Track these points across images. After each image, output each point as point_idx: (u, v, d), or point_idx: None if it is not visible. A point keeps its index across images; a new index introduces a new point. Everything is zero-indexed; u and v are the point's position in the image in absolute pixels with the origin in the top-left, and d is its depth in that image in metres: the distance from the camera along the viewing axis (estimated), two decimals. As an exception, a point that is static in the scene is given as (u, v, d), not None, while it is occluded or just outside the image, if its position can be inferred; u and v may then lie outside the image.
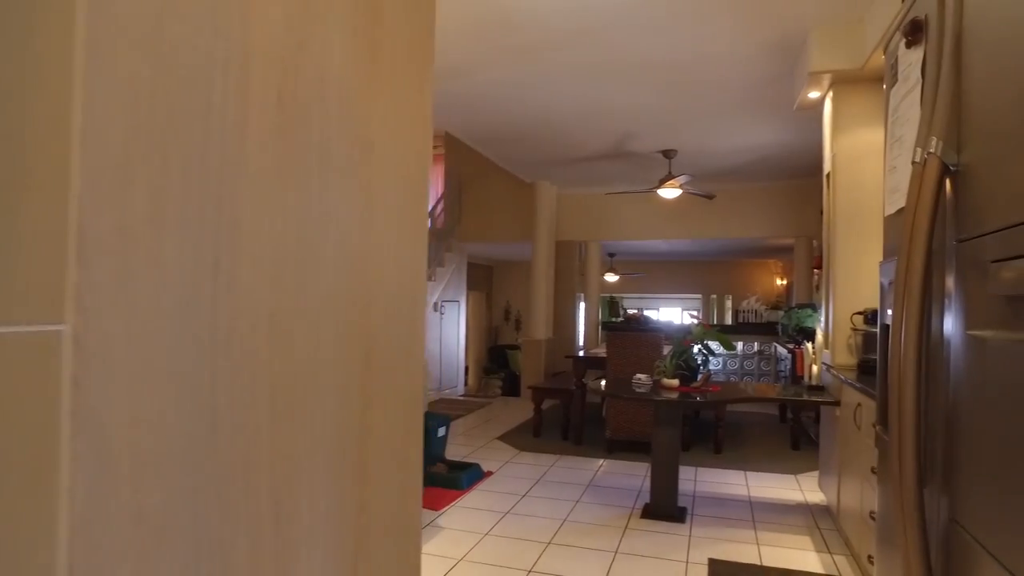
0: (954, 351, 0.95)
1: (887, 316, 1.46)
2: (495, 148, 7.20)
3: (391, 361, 1.02)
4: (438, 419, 4.81)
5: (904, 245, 1.04)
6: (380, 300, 0.98)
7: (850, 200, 4.05)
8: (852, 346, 3.94)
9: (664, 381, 4.04)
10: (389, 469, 1.02)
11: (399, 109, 1.04)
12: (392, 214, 1.03)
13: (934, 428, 1.06)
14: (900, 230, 1.11)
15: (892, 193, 1.35)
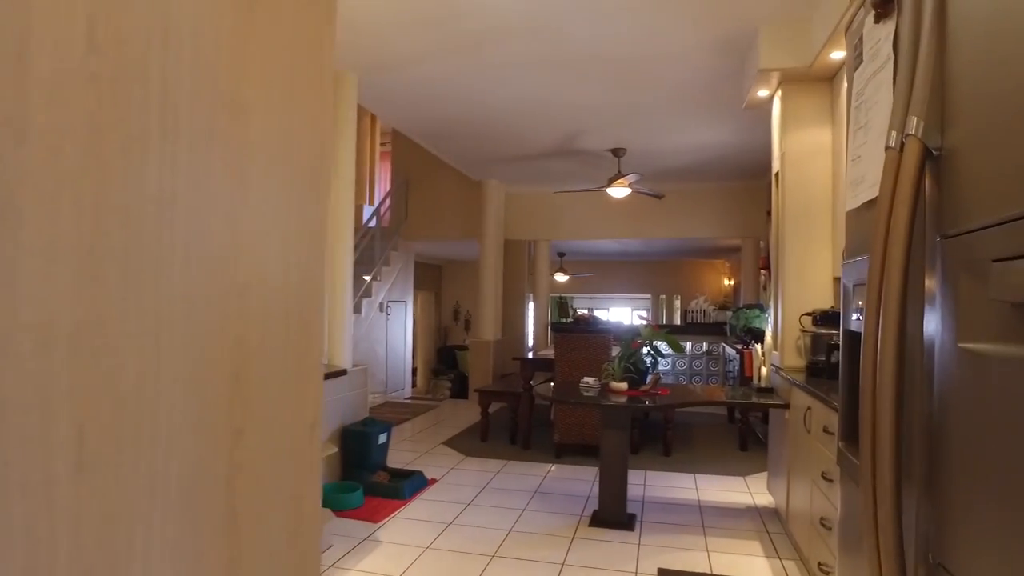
0: (940, 365, 0.82)
1: (851, 320, 1.34)
2: (442, 144, 7.00)
3: (275, 377, 0.83)
4: (379, 425, 4.60)
5: (878, 241, 0.91)
6: (257, 303, 0.79)
7: (799, 200, 3.99)
8: (801, 348, 3.89)
9: (612, 384, 3.92)
10: (272, 517, 0.83)
11: (288, 68, 0.86)
12: (279, 198, 0.84)
13: (910, 450, 0.93)
14: (871, 224, 0.98)
15: (856, 185, 1.23)
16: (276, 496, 0.84)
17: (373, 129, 11.62)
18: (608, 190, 6.79)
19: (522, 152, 7.19)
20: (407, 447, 5.94)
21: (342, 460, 4.49)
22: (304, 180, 0.91)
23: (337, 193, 4.56)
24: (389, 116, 6.06)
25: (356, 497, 4.12)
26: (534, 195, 9.28)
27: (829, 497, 2.72)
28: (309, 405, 0.92)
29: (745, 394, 3.99)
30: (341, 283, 4.61)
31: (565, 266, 13.31)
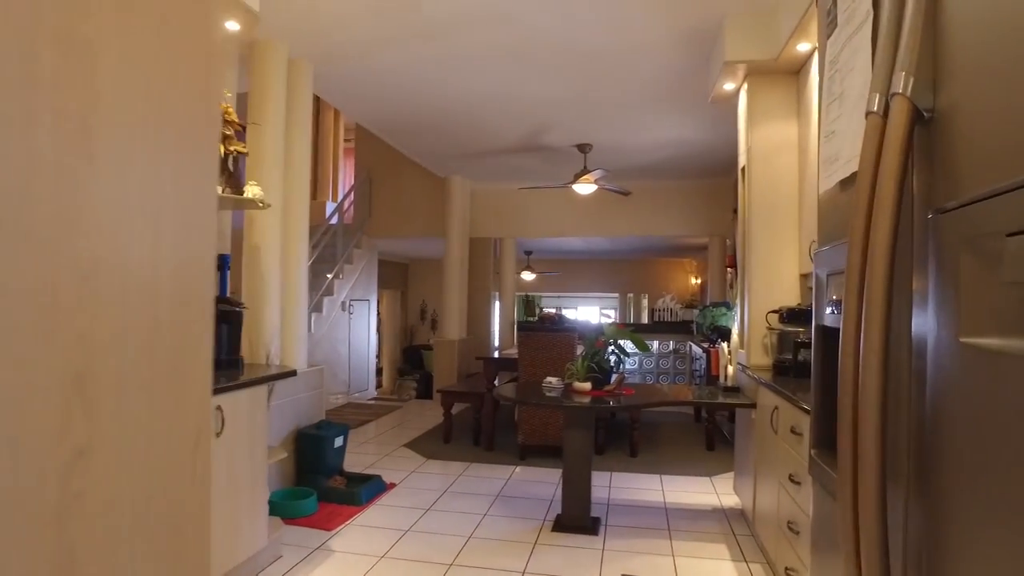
0: (936, 364, 0.70)
1: (825, 315, 1.23)
2: (405, 140, 6.83)
3: (139, 380, 0.68)
4: (335, 428, 4.42)
5: (858, 222, 0.79)
6: (110, 290, 0.64)
7: (765, 194, 3.92)
8: (767, 346, 3.81)
9: (575, 385, 3.80)
10: (137, 556, 0.68)
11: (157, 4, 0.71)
12: (146, 165, 0.69)
13: (894, 460, 0.81)
14: (848, 205, 0.86)
15: (830, 163, 1.11)
16: (142, 529, 0.69)
17: (337, 125, 11.39)
18: (574, 187, 6.69)
19: (487, 148, 7.05)
20: (368, 450, 5.76)
21: (296, 465, 4.31)
22: (184, 146, 0.76)
23: (291, 186, 4.37)
24: (349, 108, 5.87)
25: (309, 504, 3.94)
26: (500, 192, 9.14)
27: (797, 500, 2.63)
28: (192, 413, 0.77)
29: (711, 393, 3.90)
30: (295, 281, 4.42)
31: (532, 264, 13.20)
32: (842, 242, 1.00)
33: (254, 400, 2.93)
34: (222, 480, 2.68)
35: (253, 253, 4.05)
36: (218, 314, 3.21)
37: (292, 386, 4.26)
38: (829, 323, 1.17)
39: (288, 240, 4.37)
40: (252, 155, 4.05)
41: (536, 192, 8.98)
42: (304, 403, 4.43)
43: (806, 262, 3.70)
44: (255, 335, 3.96)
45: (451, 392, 6.03)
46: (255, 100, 4.06)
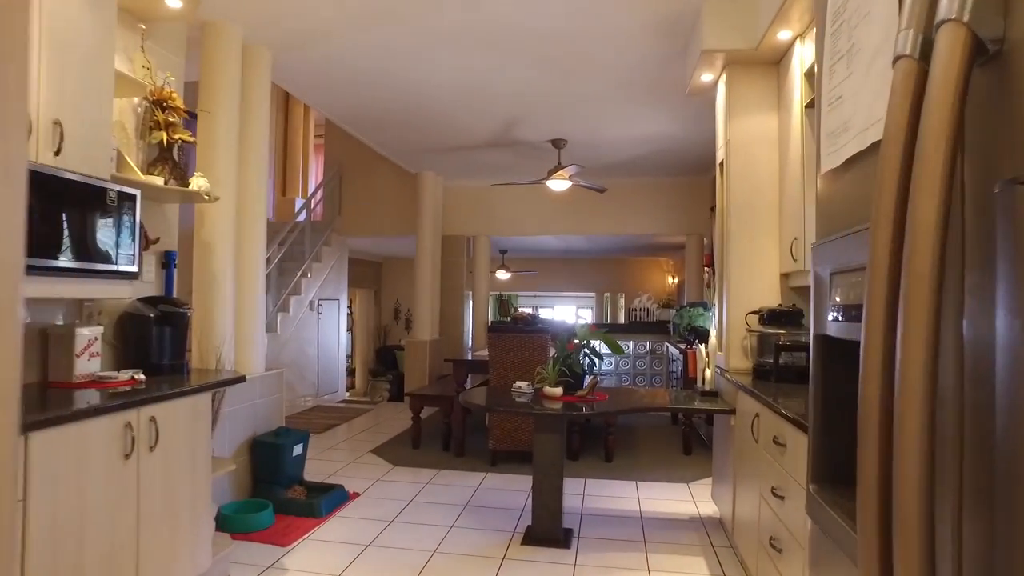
0: (1012, 385, 0.50)
1: (825, 322, 1.03)
2: (372, 132, 6.58)
3: None
4: (294, 435, 4.18)
5: (885, 200, 0.59)
6: None
7: (744, 191, 3.75)
8: (747, 348, 3.64)
9: (546, 390, 3.60)
10: None
11: None
12: None
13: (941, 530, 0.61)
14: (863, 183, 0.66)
15: (836, 137, 0.92)
16: None
17: (307, 120, 11.09)
18: (548, 183, 6.50)
19: (458, 142, 6.83)
20: (333, 456, 5.52)
21: (252, 475, 4.06)
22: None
23: (246, 179, 4.12)
24: (313, 99, 5.61)
25: (264, 517, 3.70)
26: (473, 189, 8.93)
27: (780, 516, 2.46)
28: None
29: (688, 398, 3.72)
30: (251, 280, 4.17)
31: (508, 263, 13.00)
32: (855, 231, 0.81)
33: (195, 409, 2.69)
34: (156, 498, 2.43)
35: (204, 250, 3.79)
36: (159, 316, 2.96)
37: (248, 391, 4.01)
38: (833, 332, 0.97)
39: (244, 236, 4.12)
40: (204, 145, 3.80)
41: (510, 189, 8.78)
42: (261, 409, 4.18)
43: (787, 261, 3.54)
44: (205, 338, 3.71)
45: (420, 396, 5.81)
46: (206, 86, 3.81)
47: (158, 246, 3.27)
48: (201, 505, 2.75)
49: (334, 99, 5.48)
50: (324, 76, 4.91)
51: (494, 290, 14.47)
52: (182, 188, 3.04)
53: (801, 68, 3.31)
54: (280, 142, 10.55)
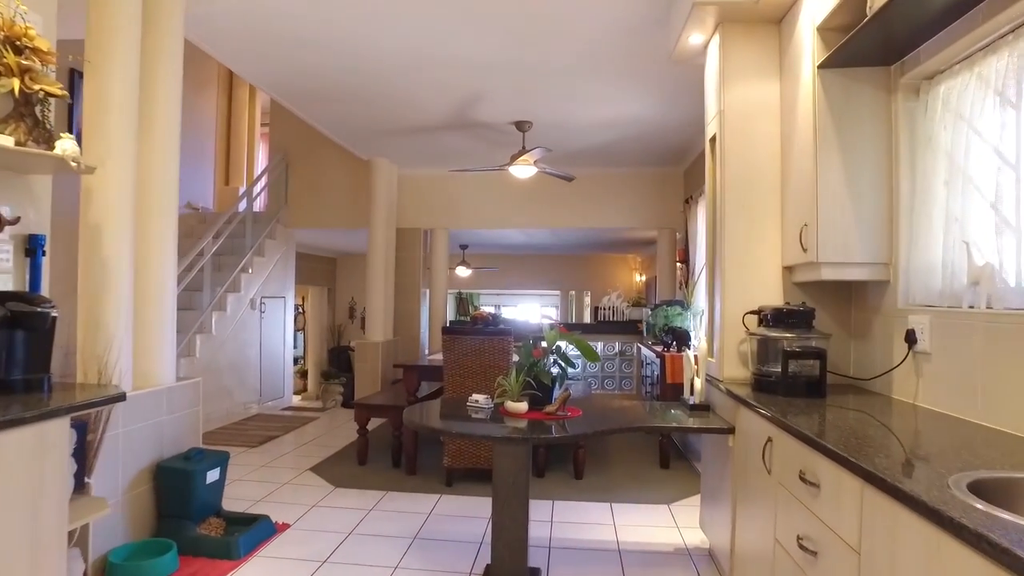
0: None
1: None
2: (316, 110, 5.89)
3: None
4: (210, 458, 3.51)
5: None
6: None
7: (741, 170, 3.20)
8: (748, 354, 3.10)
9: (508, 405, 3.00)
10: None
11: None
12: None
13: None
14: None
15: None
16: None
17: (252, 104, 10.32)
18: (511, 169, 5.90)
19: (413, 123, 6.18)
20: (265, 475, 4.83)
21: (156, 508, 3.38)
22: None
23: (151, 150, 3.43)
24: (240, 65, 4.89)
25: (164, 563, 3.02)
26: (430, 178, 8.28)
27: (808, 573, 1.90)
28: None
29: (678, 416, 3.16)
30: (158, 274, 3.49)
31: (468, 259, 12.37)
32: None
33: (44, 441, 2.02)
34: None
35: (92, 235, 3.10)
36: (7, 317, 2.28)
37: (150, 407, 3.33)
38: None
39: (148, 220, 3.43)
40: (92, 108, 3.12)
41: (470, 179, 8.17)
42: (169, 428, 3.50)
43: (792, 251, 3.00)
44: (88, 344, 3.02)
45: (366, 406, 5.15)
46: (93, 32, 3.11)
47: (18, 228, 2.58)
48: (51, 560, 2.08)
49: (265, 65, 4.79)
50: (251, 35, 4.22)
51: (454, 287, 13.83)
52: (39, 152, 2.35)
53: (812, 23, 2.77)
54: (223, 127, 9.77)
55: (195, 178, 8.73)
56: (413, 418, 2.88)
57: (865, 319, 2.95)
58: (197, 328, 6.73)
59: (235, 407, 7.42)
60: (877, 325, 2.82)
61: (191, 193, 8.62)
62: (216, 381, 6.99)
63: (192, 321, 6.74)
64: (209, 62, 8.89)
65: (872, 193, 2.70)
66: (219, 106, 9.50)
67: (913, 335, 2.47)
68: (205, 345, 6.79)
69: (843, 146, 2.71)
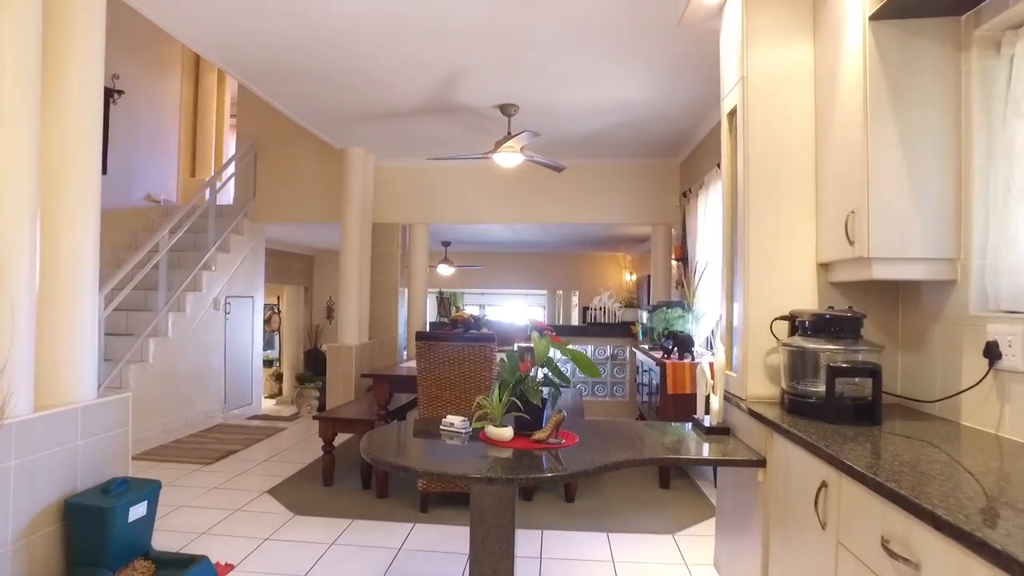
0: None
1: None
2: (280, 91, 5.32)
3: None
4: (135, 491, 2.94)
5: None
6: None
7: (769, 149, 2.68)
8: (776, 368, 2.59)
9: (489, 431, 2.47)
10: None
11: None
12: None
13: None
14: None
15: None
16: None
17: (221, 92, 9.71)
18: (495, 157, 5.36)
19: (389, 106, 5.63)
20: (213, 500, 4.27)
21: (66, 554, 2.81)
22: None
23: (62, 122, 2.87)
24: (188, 32, 4.31)
25: (66, 625, 2.47)
26: (408, 170, 7.72)
27: None
28: None
29: (692, 442, 2.64)
30: (72, 273, 2.92)
31: (450, 257, 11.82)
32: None
33: None
34: None
35: (-20, 223, 2.53)
36: None
37: (58, 432, 2.77)
38: None
39: (56, 205, 2.87)
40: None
41: (452, 171, 7.62)
42: (84, 455, 2.93)
43: (831, 244, 2.49)
44: (-31, 357, 2.46)
45: (331, 419, 4.59)
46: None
47: None
48: None
49: (218, 33, 4.22)
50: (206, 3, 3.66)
51: (436, 287, 13.29)
52: None
53: (860, -33, 2.26)
54: (188, 116, 9.15)
55: (156, 168, 8.12)
56: (373, 451, 2.33)
57: (918, 327, 2.44)
58: (151, 331, 6.14)
59: (195, 417, 6.83)
60: (937, 335, 2.31)
61: (151, 184, 8.01)
62: (173, 389, 6.40)
63: (145, 323, 6.15)
64: (171, 44, 8.28)
65: (936, 173, 2.20)
66: (184, 92, 8.88)
67: (995, 348, 1.97)
68: (160, 349, 6.20)
69: (900, 115, 2.21)
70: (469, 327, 5.44)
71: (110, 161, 7.11)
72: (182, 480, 4.63)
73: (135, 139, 7.65)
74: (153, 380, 6.08)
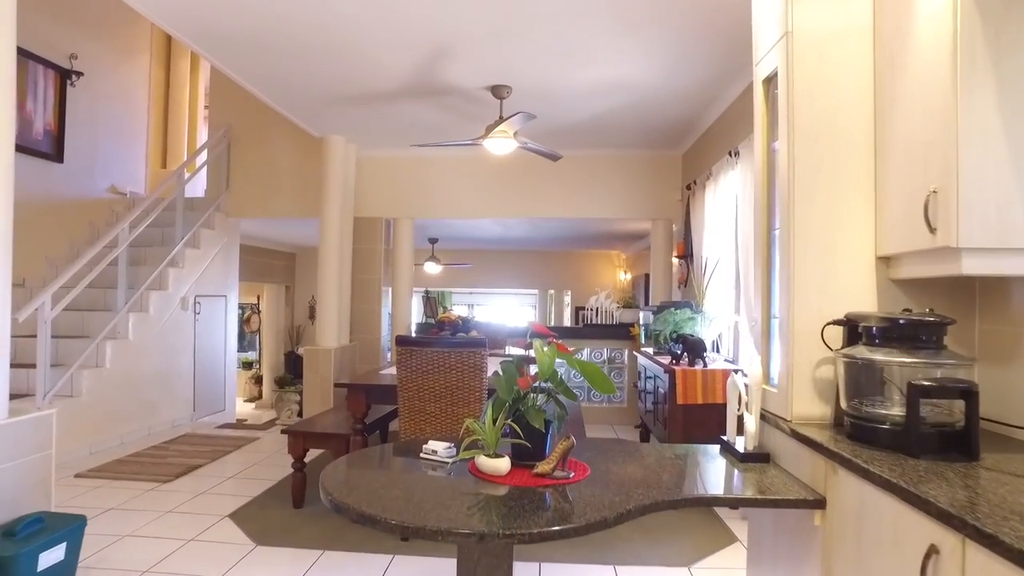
0: None
1: None
2: (247, 67, 4.81)
3: None
4: (51, 530, 2.45)
5: None
6: None
7: (819, 116, 2.22)
8: (830, 382, 2.13)
9: (480, 462, 2.00)
10: None
11: None
12: None
13: None
14: None
15: None
16: None
17: (195, 79, 9.18)
18: (486, 143, 4.89)
19: (370, 87, 5.14)
20: (166, 526, 3.76)
21: (-36, 605, 2.31)
22: None
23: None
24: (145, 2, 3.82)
25: None
26: (393, 161, 7.23)
27: None
28: None
29: (731, 477, 2.17)
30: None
31: (438, 255, 11.32)
32: None
33: None
34: None
35: None
36: None
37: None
38: None
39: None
40: None
41: (439, 162, 7.14)
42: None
43: (898, 233, 2.03)
44: None
45: (301, 433, 4.10)
46: None
47: None
48: None
49: (184, 4, 3.72)
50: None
51: (422, 285, 12.80)
52: None
53: None
54: (159, 104, 8.61)
55: (122, 158, 7.57)
56: (333, 491, 1.86)
57: (1007, 335, 1.99)
58: (109, 333, 5.62)
59: (160, 426, 6.31)
60: (1037, 344, 1.86)
61: (117, 175, 7.47)
62: (134, 395, 5.88)
63: (102, 324, 5.62)
64: (138, 25, 7.75)
65: (1046, 142, 1.75)
66: (154, 79, 8.34)
67: None
68: (119, 353, 5.69)
69: (1001, 71, 1.75)
70: (457, 329, 4.96)
71: (69, 148, 6.58)
72: (133, 502, 4.12)
73: (98, 126, 7.11)
74: (110, 386, 5.56)
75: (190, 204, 7.17)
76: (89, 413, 5.31)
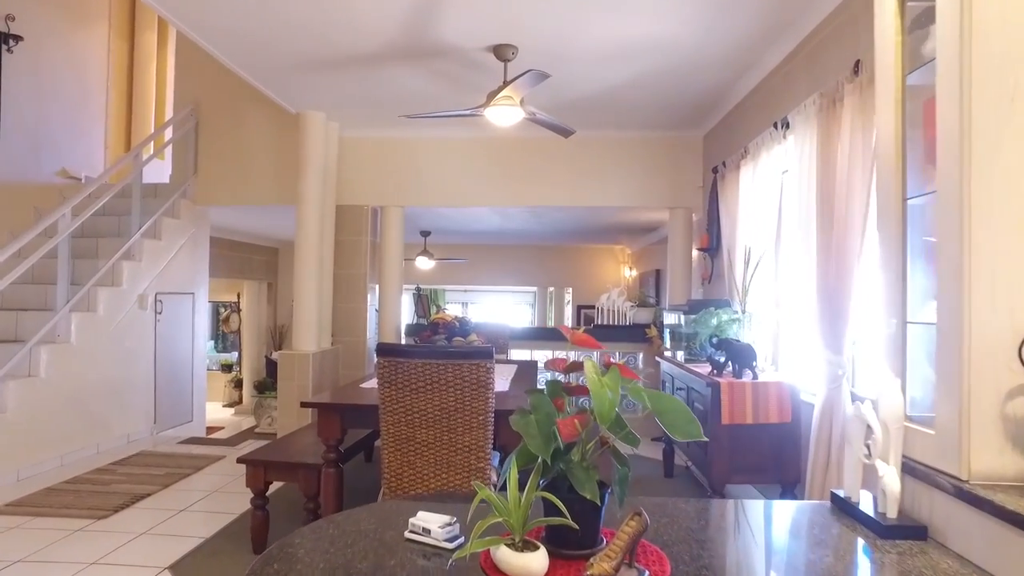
0: None
1: None
2: (208, 17, 4.04)
3: None
4: None
5: None
6: None
7: (1007, 63, 1.48)
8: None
9: (502, 559, 1.25)
10: None
11: None
12: None
13: None
14: None
15: None
16: None
17: (162, 53, 8.36)
18: (487, 112, 4.14)
19: (348, 48, 4.36)
20: (95, 579, 2.98)
21: None
22: None
23: None
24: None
25: None
26: (380, 142, 6.45)
27: None
28: None
29: (869, 566, 1.44)
30: None
31: (430, 249, 10.55)
32: None
33: None
34: None
35: None
36: None
37: None
38: None
39: None
40: None
41: (432, 143, 6.38)
42: None
43: None
44: None
45: (261, 463, 3.33)
46: None
47: None
48: None
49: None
50: None
51: (413, 282, 12.01)
52: None
53: None
54: (122, 80, 7.79)
55: (75, 138, 6.77)
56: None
57: None
58: (44, 337, 4.82)
59: (112, 442, 5.52)
60: None
61: (69, 157, 6.66)
62: (78, 409, 5.09)
63: (35, 326, 4.82)
64: (94, -11, 6.93)
65: None
66: (114, 51, 7.52)
67: None
68: (57, 359, 4.89)
69: None
70: (453, 333, 4.20)
71: (5, 122, 5.76)
72: (49, 550, 3.33)
73: (45, 101, 6.30)
74: (45, 399, 4.77)
75: (152, 190, 6.38)
76: (17, 432, 4.52)
